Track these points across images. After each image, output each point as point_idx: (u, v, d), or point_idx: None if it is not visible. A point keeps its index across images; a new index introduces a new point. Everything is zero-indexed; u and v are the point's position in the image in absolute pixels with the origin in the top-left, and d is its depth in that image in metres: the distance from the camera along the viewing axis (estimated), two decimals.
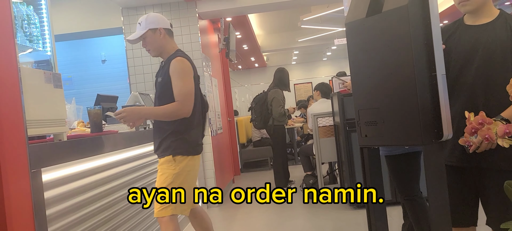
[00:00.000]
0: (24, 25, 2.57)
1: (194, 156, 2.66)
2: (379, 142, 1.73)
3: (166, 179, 2.57)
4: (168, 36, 2.73)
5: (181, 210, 2.63)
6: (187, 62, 2.63)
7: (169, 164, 2.59)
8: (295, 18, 9.48)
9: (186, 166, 2.61)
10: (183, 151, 2.60)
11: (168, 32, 2.74)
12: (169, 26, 2.78)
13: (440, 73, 1.51)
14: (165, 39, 2.71)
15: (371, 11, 1.62)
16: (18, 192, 1.74)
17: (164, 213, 2.55)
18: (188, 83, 2.59)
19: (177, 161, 2.58)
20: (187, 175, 2.62)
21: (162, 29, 2.70)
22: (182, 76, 2.58)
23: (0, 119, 1.65)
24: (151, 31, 2.68)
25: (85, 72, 7.04)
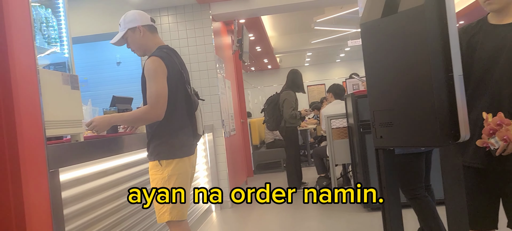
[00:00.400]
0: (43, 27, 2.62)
1: (182, 158, 2.53)
2: (394, 143, 1.72)
3: (157, 185, 2.49)
4: (149, 33, 2.61)
5: (178, 214, 2.50)
6: (159, 62, 2.46)
7: (156, 169, 2.50)
8: (309, 20, 9.47)
9: (173, 169, 2.48)
10: (168, 155, 2.48)
11: (149, 28, 2.62)
12: (150, 21, 2.63)
13: (457, 74, 1.50)
14: (146, 36, 2.60)
15: (386, 11, 1.61)
16: (37, 192, 1.76)
17: (162, 219, 2.49)
18: (157, 84, 2.43)
19: (164, 165, 2.48)
20: (178, 178, 2.49)
21: (140, 27, 2.58)
22: (152, 77, 2.44)
23: (20, 119, 1.68)
24: (130, 31, 2.59)
25: (101, 74, 7.12)
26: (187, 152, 2.57)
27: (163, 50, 2.57)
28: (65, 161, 2.07)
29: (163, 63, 2.47)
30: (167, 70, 2.48)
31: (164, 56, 2.52)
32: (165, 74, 2.47)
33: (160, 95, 2.43)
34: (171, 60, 2.55)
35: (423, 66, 1.49)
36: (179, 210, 2.51)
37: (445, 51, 1.49)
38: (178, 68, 2.59)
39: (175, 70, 2.55)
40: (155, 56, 2.49)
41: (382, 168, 1.81)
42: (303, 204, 5.30)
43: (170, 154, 2.49)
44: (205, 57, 5.49)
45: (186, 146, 2.57)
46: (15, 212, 1.66)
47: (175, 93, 2.53)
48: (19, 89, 1.70)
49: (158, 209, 2.50)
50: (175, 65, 2.57)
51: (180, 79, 2.58)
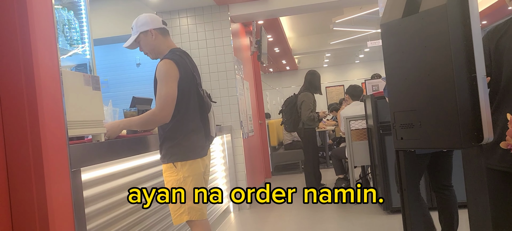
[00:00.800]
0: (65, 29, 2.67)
1: (196, 159, 2.54)
2: (415, 145, 1.70)
3: (172, 186, 2.52)
4: (161, 36, 2.63)
5: (196, 215, 2.52)
6: (171, 64, 2.48)
7: (171, 171, 2.53)
8: (327, 21, 9.42)
9: (188, 171, 2.51)
10: (181, 157, 2.50)
11: (161, 31, 2.63)
12: (161, 24, 2.64)
13: (480, 75, 1.47)
14: (158, 39, 2.62)
15: (407, 11, 1.59)
16: (60, 190, 1.80)
17: (179, 220, 2.51)
18: (167, 87, 2.44)
19: (178, 167, 2.50)
20: (193, 179, 2.52)
21: (152, 30, 2.60)
22: (163, 80, 2.46)
23: (43, 120, 1.72)
24: (142, 34, 2.61)
25: (121, 75, 7.22)
26: (200, 153, 2.59)
27: (176, 53, 2.58)
28: (86, 161, 2.10)
29: (175, 66, 2.49)
30: (179, 73, 2.50)
31: (177, 59, 2.53)
32: (176, 77, 2.48)
33: (169, 98, 2.45)
34: (184, 63, 2.56)
35: (445, 66, 1.47)
36: (198, 210, 2.53)
37: (468, 52, 1.47)
38: (190, 71, 2.60)
39: (187, 73, 2.56)
40: (167, 59, 2.50)
41: (402, 170, 1.78)
42: (321, 206, 5.27)
43: (184, 156, 2.51)
44: (223, 59, 5.51)
45: (199, 148, 2.59)
46: (38, 210, 1.70)
47: (187, 95, 2.55)
48: (42, 90, 1.74)
49: (174, 210, 2.52)
50: (187, 68, 2.57)
51: (192, 82, 2.59)
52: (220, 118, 5.48)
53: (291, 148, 8.35)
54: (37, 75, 1.72)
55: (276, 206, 5.50)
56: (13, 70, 1.72)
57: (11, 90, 1.72)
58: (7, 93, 1.73)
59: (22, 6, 1.72)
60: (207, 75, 5.47)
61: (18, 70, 1.71)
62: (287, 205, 5.52)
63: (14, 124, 1.72)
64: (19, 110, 1.71)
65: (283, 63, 14.00)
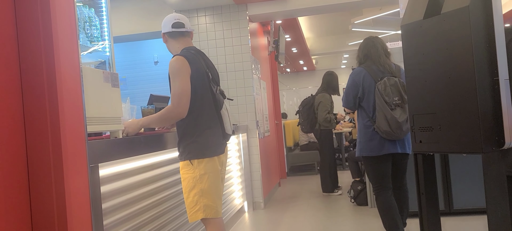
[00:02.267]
0: (86, 26, 2.70)
1: (212, 157, 2.58)
2: (434, 149, 1.67)
3: (188, 184, 2.55)
4: (170, 39, 2.73)
5: (211, 213, 2.55)
6: (182, 60, 2.54)
7: (187, 168, 2.56)
8: (346, 21, 9.36)
9: (205, 168, 2.54)
10: (198, 154, 2.54)
11: (171, 35, 2.72)
12: (170, 28, 2.70)
13: (503, 78, 1.44)
14: (168, 43, 2.75)
15: (429, 12, 1.56)
16: (78, 186, 1.82)
17: (195, 217, 2.54)
18: (181, 83, 2.50)
19: (195, 164, 2.53)
20: (209, 177, 2.55)
21: (163, 34, 2.74)
22: (175, 76, 2.52)
23: (63, 115, 1.75)
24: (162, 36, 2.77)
25: (139, 73, 7.29)
26: (217, 151, 2.62)
27: (189, 51, 2.64)
28: (104, 157, 2.13)
29: (186, 62, 2.54)
30: (191, 69, 2.54)
31: (189, 56, 2.58)
32: (188, 73, 2.53)
33: (183, 93, 2.50)
34: (197, 60, 2.61)
35: (467, 69, 1.44)
36: (214, 208, 2.55)
37: (490, 54, 1.44)
38: (203, 68, 2.63)
39: (200, 70, 2.60)
40: (178, 56, 2.57)
41: (420, 173, 1.76)
42: (337, 207, 5.24)
43: (200, 153, 2.55)
44: (241, 58, 5.52)
45: (216, 145, 2.62)
46: (57, 204, 1.73)
47: (201, 93, 2.58)
48: (63, 86, 1.76)
49: (190, 207, 2.54)
50: (200, 65, 2.61)
51: (206, 78, 2.62)
52: (237, 117, 5.49)
53: (307, 149, 8.31)
54: (58, 71, 1.75)
55: (290, 207, 5.48)
56: (36, 66, 1.75)
57: (33, 86, 1.76)
58: (29, 89, 1.76)
59: (45, 3, 1.75)
60: (224, 74, 5.49)
61: (40, 66, 1.74)
62: (302, 206, 5.50)
63: (35, 119, 1.75)
64: (40, 105, 1.74)
65: (300, 63, 13.96)
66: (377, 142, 3.31)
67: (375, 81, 3.31)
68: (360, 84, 3.39)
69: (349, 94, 3.46)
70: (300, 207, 5.44)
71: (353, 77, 3.47)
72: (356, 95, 3.41)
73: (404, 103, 3.27)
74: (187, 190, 2.56)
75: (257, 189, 5.48)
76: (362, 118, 3.44)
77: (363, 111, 3.43)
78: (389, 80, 3.27)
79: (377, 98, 3.26)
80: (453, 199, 4.17)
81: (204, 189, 2.52)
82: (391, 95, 3.25)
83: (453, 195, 4.17)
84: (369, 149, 3.35)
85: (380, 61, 3.42)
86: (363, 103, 3.40)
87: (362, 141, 3.41)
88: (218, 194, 2.61)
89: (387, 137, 3.27)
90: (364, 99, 3.39)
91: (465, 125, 1.48)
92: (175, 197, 3.07)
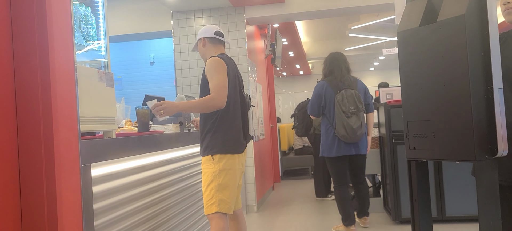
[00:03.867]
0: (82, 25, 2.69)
1: (234, 154, 2.74)
2: (428, 156, 1.67)
3: (207, 178, 2.71)
4: (209, 44, 2.95)
5: (225, 208, 2.70)
6: (219, 60, 2.76)
7: (209, 163, 2.72)
8: (343, 27, 9.38)
9: (225, 165, 2.70)
10: (220, 150, 2.70)
11: (211, 40, 2.95)
12: (213, 35, 2.95)
13: (497, 87, 1.45)
14: (206, 47, 2.95)
15: (425, 20, 1.57)
16: (69, 185, 1.81)
17: (209, 210, 2.69)
18: (220, 77, 2.69)
19: (216, 160, 2.69)
20: (227, 173, 2.70)
21: (203, 38, 2.94)
22: (213, 72, 2.70)
23: (56, 113, 1.73)
24: (199, 41, 2.98)
25: (134, 73, 7.27)
26: (238, 150, 2.79)
27: (223, 55, 2.90)
28: (97, 157, 2.11)
29: (223, 62, 2.76)
30: (226, 67, 2.76)
31: (224, 58, 2.82)
32: (224, 69, 2.74)
33: (222, 86, 2.68)
34: (230, 63, 2.85)
35: (462, 77, 1.44)
36: (226, 204, 2.70)
37: (485, 63, 1.44)
38: (236, 72, 2.89)
39: (232, 72, 2.82)
40: (215, 57, 2.80)
41: (413, 180, 1.76)
42: (330, 212, 5.23)
43: (222, 150, 2.71)
44: (237, 61, 5.49)
45: (237, 144, 2.79)
46: (48, 203, 1.71)
47: (231, 93, 2.76)
48: (57, 84, 1.75)
49: (206, 200, 2.71)
50: (233, 68, 2.85)
51: (236, 82, 2.86)
52: None
53: (302, 153, 8.31)
54: (53, 69, 1.73)
55: (284, 211, 5.47)
56: (30, 63, 1.74)
57: (26, 83, 1.74)
58: (22, 86, 1.74)
59: (41, 0, 1.73)
60: None
61: (34, 64, 1.73)
62: (295, 210, 5.49)
63: (28, 116, 1.74)
64: (33, 103, 1.73)
65: (296, 67, 13.98)
66: (336, 145, 3.99)
67: (335, 93, 3.99)
68: (323, 95, 4.06)
69: (314, 104, 4.16)
70: (293, 211, 5.44)
71: (318, 90, 4.13)
72: (320, 104, 4.10)
73: (359, 112, 3.96)
74: (206, 183, 2.72)
75: (251, 193, 5.47)
76: (324, 124, 4.12)
77: (325, 118, 4.11)
78: (346, 92, 3.96)
79: (336, 107, 3.95)
80: (446, 206, 4.18)
81: (221, 184, 2.69)
82: (347, 105, 3.92)
83: (446, 202, 4.18)
84: (328, 150, 4.06)
85: (341, 76, 4.06)
86: (326, 112, 4.08)
87: (324, 143, 4.10)
88: (233, 191, 2.76)
89: (345, 140, 3.94)
90: (326, 108, 4.06)
91: (459, 133, 1.49)
92: (168, 199, 3.06)
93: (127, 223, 2.48)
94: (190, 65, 5.58)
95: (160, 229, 2.90)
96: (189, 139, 3.48)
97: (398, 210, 4.30)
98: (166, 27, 5.81)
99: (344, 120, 3.89)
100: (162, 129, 3.29)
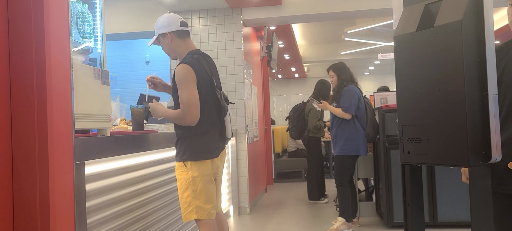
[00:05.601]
0: (79, 22, 2.68)
1: (205, 160, 2.60)
2: (422, 160, 1.68)
3: (182, 185, 2.59)
4: (178, 38, 2.67)
5: (204, 214, 2.58)
6: (188, 69, 2.54)
7: (181, 169, 2.60)
8: (339, 30, 9.41)
9: (197, 171, 2.56)
10: (191, 157, 2.57)
11: (178, 34, 2.67)
12: (179, 27, 2.67)
13: (492, 93, 1.45)
14: (175, 42, 2.67)
15: (422, 25, 1.57)
16: (62, 182, 1.80)
17: (188, 217, 2.58)
18: (189, 92, 2.52)
19: (188, 166, 2.57)
20: (201, 180, 2.57)
21: (169, 33, 2.65)
22: (182, 85, 2.53)
23: (51, 110, 1.72)
24: (161, 36, 2.68)
25: (130, 72, 7.25)
26: (211, 155, 2.64)
27: (193, 56, 2.64)
28: (91, 154, 2.11)
29: (192, 70, 2.55)
30: (197, 77, 2.56)
31: (193, 63, 2.59)
32: (194, 80, 2.55)
33: (191, 102, 2.52)
34: (200, 67, 2.62)
35: (457, 82, 1.45)
36: (206, 210, 2.59)
37: (480, 69, 1.45)
38: (208, 74, 2.65)
39: (204, 76, 2.62)
40: (184, 64, 2.57)
41: (407, 184, 1.76)
42: (322, 215, 5.24)
43: (193, 156, 2.58)
44: (233, 62, 5.52)
45: (210, 149, 2.64)
46: (40, 199, 1.70)
47: (204, 98, 2.60)
48: (53, 81, 1.74)
49: (183, 208, 2.59)
50: (204, 71, 2.63)
51: (210, 85, 2.65)
52: None
53: (295, 156, 8.31)
54: (49, 66, 1.73)
55: (276, 213, 5.47)
56: (25, 59, 1.73)
57: (21, 79, 1.73)
58: (17, 81, 1.73)
59: None
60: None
61: (30, 60, 1.72)
62: (288, 212, 5.49)
63: (22, 112, 1.73)
64: (28, 99, 1.72)
65: (292, 70, 13.99)
66: (364, 144, 4.33)
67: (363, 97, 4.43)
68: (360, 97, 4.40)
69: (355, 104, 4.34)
70: (286, 213, 5.44)
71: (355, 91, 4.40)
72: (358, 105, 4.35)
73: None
74: (181, 190, 2.60)
75: (244, 194, 5.46)
76: (351, 125, 4.31)
77: (354, 120, 4.32)
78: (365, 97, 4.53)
79: (368, 110, 4.39)
80: (438, 211, 4.20)
81: (197, 191, 2.56)
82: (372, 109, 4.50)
83: (438, 208, 4.20)
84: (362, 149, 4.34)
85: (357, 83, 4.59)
86: (358, 113, 4.34)
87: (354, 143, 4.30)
88: (210, 197, 2.62)
89: (371, 140, 4.38)
90: (360, 110, 4.36)
91: (453, 138, 1.49)
92: (161, 198, 3.05)
93: (120, 221, 2.47)
94: None
95: (152, 228, 2.89)
96: None
97: (390, 215, 4.32)
98: None
99: (375, 122, 4.39)
100: (157, 128, 3.29)
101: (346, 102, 4.30)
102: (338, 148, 4.34)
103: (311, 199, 6.10)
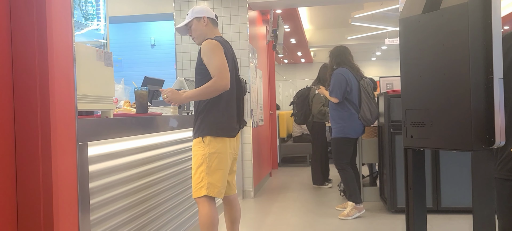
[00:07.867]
0: (81, 3, 2.67)
1: (224, 138, 2.68)
2: (425, 144, 1.67)
3: (197, 161, 2.66)
4: (211, 25, 2.87)
5: (214, 192, 2.65)
6: (216, 43, 2.70)
7: (199, 145, 2.67)
8: (346, 15, 9.32)
9: (215, 148, 2.65)
10: (210, 132, 2.65)
11: (212, 21, 2.88)
12: (214, 16, 2.90)
13: (497, 77, 1.43)
14: (208, 27, 2.85)
15: (428, 7, 1.55)
16: (65, 163, 1.80)
17: (198, 193, 2.65)
18: (219, 59, 2.65)
19: (206, 142, 2.65)
20: (217, 157, 2.65)
21: (205, 17, 2.84)
22: (211, 55, 2.66)
23: (53, 91, 1.72)
24: (196, 19, 2.85)
25: (135, 55, 7.25)
26: (229, 134, 2.73)
27: (219, 37, 2.83)
28: (94, 136, 2.11)
29: (217, 42, 2.71)
30: (222, 48, 2.71)
31: (221, 40, 2.76)
32: (222, 50, 2.70)
33: (222, 67, 2.64)
34: (227, 46, 2.80)
35: (462, 66, 1.43)
36: (217, 188, 2.66)
37: (486, 52, 1.43)
38: (231, 55, 2.82)
39: (228, 55, 2.76)
40: (211, 39, 2.73)
41: (409, 168, 1.76)
42: (326, 200, 5.25)
43: (212, 132, 2.66)
44: (238, 45, 5.49)
45: (229, 128, 2.74)
46: (43, 180, 1.71)
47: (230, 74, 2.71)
48: (55, 62, 1.74)
49: (195, 183, 2.66)
50: (228, 52, 2.79)
51: (233, 65, 2.79)
52: None
53: (300, 141, 8.31)
54: (51, 46, 1.72)
55: (280, 197, 5.49)
56: (27, 39, 1.72)
57: (23, 59, 1.73)
58: (19, 62, 1.73)
59: None
60: None
61: (32, 40, 1.71)
62: (292, 197, 5.51)
63: (24, 93, 1.73)
64: (30, 79, 1.72)
65: (298, 55, 13.93)
66: (359, 126, 4.38)
67: (358, 80, 4.37)
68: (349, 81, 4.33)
69: (341, 88, 4.33)
70: (290, 197, 5.46)
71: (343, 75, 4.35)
72: (345, 89, 4.32)
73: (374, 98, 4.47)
74: (196, 166, 2.67)
75: (248, 178, 5.48)
76: (346, 108, 4.35)
77: (347, 103, 4.36)
78: (364, 80, 4.43)
79: (362, 93, 4.35)
80: (442, 197, 4.19)
81: (211, 168, 2.64)
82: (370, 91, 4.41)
83: (442, 194, 4.19)
84: (355, 131, 4.39)
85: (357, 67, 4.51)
86: (350, 96, 4.34)
87: (347, 126, 4.34)
88: (224, 175, 2.70)
89: (367, 123, 4.40)
90: (351, 93, 4.34)
91: (456, 122, 1.48)
92: (164, 181, 3.06)
93: (123, 203, 2.49)
94: (191, 48, 5.55)
95: (155, 210, 2.91)
96: (187, 122, 3.48)
97: (394, 200, 4.32)
98: (167, 9, 5.76)
99: (371, 105, 4.37)
100: (161, 111, 3.29)
101: (330, 86, 4.43)
102: (333, 131, 4.45)
103: (315, 183, 6.11)
